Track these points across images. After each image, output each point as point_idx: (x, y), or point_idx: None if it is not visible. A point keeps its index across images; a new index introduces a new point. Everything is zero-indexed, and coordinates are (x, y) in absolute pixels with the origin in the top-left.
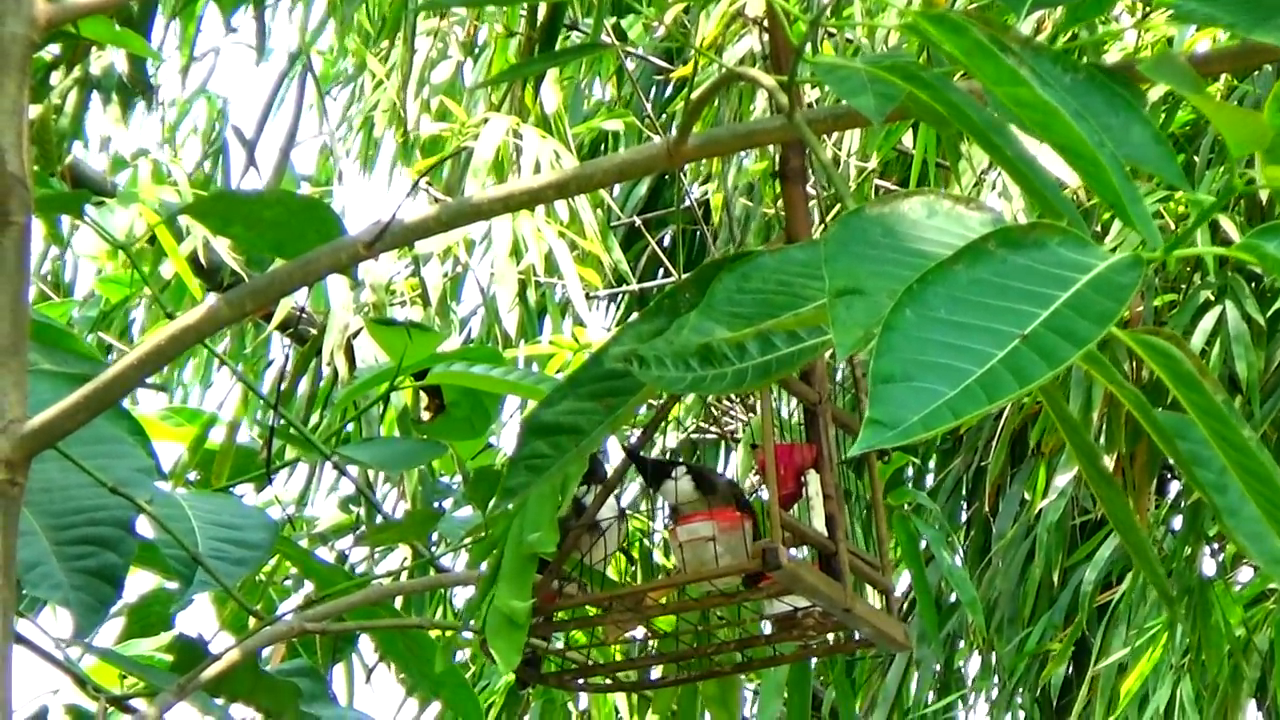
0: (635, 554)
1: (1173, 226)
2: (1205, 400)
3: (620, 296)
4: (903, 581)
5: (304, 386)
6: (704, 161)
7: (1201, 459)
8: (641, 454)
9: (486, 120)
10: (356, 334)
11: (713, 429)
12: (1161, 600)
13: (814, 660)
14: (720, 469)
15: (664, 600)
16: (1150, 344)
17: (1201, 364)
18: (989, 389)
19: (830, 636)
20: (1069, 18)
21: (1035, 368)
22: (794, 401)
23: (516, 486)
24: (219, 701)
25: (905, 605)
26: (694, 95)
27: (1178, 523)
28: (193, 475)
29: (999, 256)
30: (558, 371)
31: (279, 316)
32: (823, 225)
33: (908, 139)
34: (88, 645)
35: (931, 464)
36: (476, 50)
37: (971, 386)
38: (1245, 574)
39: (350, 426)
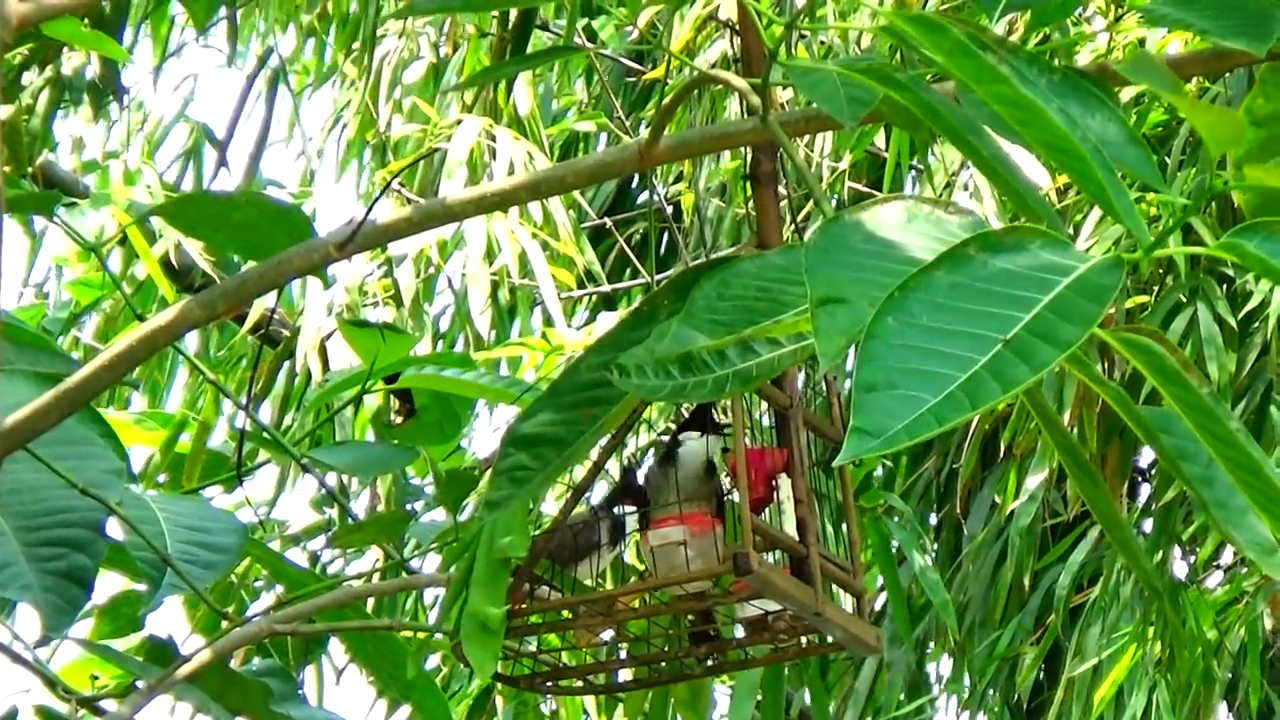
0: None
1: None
2: (1190, 395)
3: (590, 296)
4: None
5: (277, 388)
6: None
7: (1187, 452)
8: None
9: (459, 122)
10: (330, 336)
11: None
12: (1148, 592)
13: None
14: None
15: (635, 604)
16: (1132, 341)
17: (1185, 358)
18: (972, 395)
19: (802, 640)
20: (1034, 20)
21: (1018, 372)
22: (765, 405)
23: (500, 500)
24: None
25: (876, 607)
26: (666, 98)
27: (1148, 526)
28: (162, 477)
29: (980, 261)
30: (530, 372)
31: (252, 318)
32: (793, 226)
33: (880, 140)
34: (66, 638)
35: (902, 467)
36: (444, 54)
37: (955, 393)
38: (1215, 578)
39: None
